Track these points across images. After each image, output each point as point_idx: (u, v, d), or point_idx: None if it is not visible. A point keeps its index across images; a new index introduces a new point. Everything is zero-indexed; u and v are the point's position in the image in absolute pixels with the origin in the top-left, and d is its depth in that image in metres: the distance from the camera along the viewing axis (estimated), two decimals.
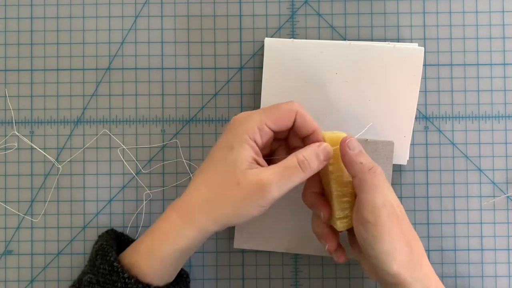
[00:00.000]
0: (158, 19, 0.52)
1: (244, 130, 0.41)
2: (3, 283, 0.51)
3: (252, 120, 0.41)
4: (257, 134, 0.41)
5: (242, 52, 0.52)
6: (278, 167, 0.40)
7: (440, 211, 0.51)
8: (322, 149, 0.41)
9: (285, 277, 0.52)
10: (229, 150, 0.40)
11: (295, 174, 0.40)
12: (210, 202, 0.40)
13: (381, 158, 0.49)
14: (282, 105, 0.42)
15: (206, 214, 0.40)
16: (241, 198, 0.39)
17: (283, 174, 0.40)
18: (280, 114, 0.42)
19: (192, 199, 0.41)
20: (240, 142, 0.40)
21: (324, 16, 0.52)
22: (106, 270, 0.41)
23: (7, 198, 0.52)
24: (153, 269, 0.41)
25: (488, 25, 0.52)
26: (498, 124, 0.52)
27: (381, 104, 0.50)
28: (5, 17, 0.53)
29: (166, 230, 0.41)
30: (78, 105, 0.52)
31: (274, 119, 0.41)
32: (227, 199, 0.40)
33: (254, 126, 0.41)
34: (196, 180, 0.41)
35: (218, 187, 0.40)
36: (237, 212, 0.40)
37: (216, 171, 0.40)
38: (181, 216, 0.41)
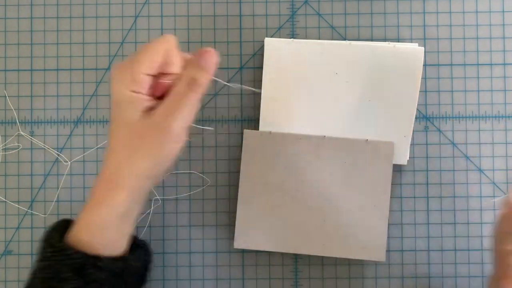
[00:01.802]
0: (158, 19, 0.52)
1: (121, 84, 0.40)
2: (3, 283, 0.51)
3: (126, 74, 0.40)
4: (136, 84, 0.40)
5: (242, 52, 0.52)
6: (169, 101, 0.40)
7: (440, 211, 0.51)
8: (203, 59, 0.41)
9: (285, 277, 0.52)
10: (118, 107, 0.40)
11: (186, 97, 0.40)
12: (128, 162, 0.40)
13: (381, 158, 0.49)
14: (151, 46, 0.40)
15: (129, 175, 0.40)
16: (152, 148, 0.40)
17: (177, 105, 0.40)
18: (150, 57, 0.40)
19: (111, 164, 0.41)
20: (122, 97, 0.40)
21: (324, 16, 0.52)
22: (51, 252, 0.41)
23: (7, 198, 0.52)
24: (97, 240, 0.41)
25: (488, 25, 0.52)
26: (498, 124, 0.52)
27: (381, 104, 0.50)
28: (5, 17, 0.53)
29: (100, 200, 0.40)
30: (78, 105, 0.52)
31: (146, 65, 0.40)
32: (140, 154, 0.40)
33: (130, 79, 0.40)
34: (110, 145, 0.41)
35: (127, 145, 0.40)
36: (155, 160, 0.40)
37: (118, 131, 0.40)
38: (108, 182, 0.41)
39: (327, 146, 0.50)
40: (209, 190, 0.52)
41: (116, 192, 0.40)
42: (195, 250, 0.52)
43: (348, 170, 0.50)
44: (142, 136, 0.40)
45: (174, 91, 0.40)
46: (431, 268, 0.51)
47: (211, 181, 0.52)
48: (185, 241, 0.52)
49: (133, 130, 0.40)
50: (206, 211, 0.52)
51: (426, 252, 0.51)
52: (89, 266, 0.40)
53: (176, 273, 0.52)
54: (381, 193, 0.49)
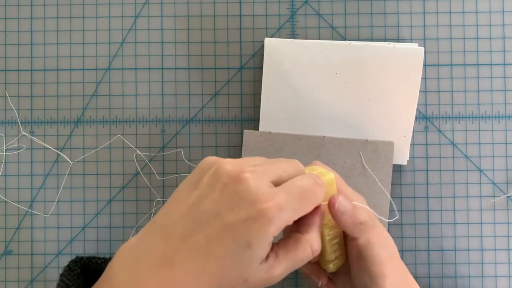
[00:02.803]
0: (158, 19, 0.52)
1: (272, 230, 0.34)
2: (3, 283, 0.51)
3: (282, 221, 0.34)
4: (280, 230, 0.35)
5: (242, 52, 0.52)
6: (289, 260, 0.36)
7: (440, 211, 0.51)
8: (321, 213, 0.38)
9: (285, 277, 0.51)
10: (246, 248, 0.33)
11: (306, 261, 0.37)
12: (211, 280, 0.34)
13: (381, 158, 0.49)
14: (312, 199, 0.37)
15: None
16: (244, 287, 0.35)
17: (296, 266, 0.37)
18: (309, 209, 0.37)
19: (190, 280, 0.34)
20: (262, 241, 0.34)
21: (324, 16, 0.52)
22: None
23: (7, 198, 0.52)
24: None
25: (488, 25, 0.52)
26: (498, 124, 0.52)
27: (381, 104, 0.50)
28: (5, 17, 0.53)
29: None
30: (78, 105, 0.52)
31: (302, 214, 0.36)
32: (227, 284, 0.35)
33: (282, 226, 0.34)
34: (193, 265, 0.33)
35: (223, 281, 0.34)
36: None
37: (225, 264, 0.34)
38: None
39: (327, 146, 0.50)
40: None
41: None
42: None
43: (348, 170, 0.50)
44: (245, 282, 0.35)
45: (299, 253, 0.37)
46: (431, 268, 0.51)
47: None
48: None
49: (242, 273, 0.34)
50: None
51: (426, 252, 0.51)
52: None
53: None
54: (381, 193, 0.49)
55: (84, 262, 0.41)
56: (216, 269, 0.34)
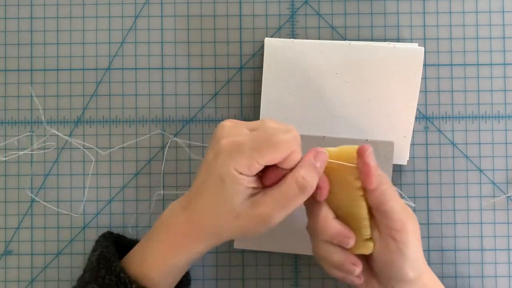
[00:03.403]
0: (158, 19, 0.52)
1: (232, 164, 0.38)
2: (3, 283, 0.51)
3: (242, 157, 0.38)
4: (249, 170, 0.38)
5: (242, 52, 0.52)
6: (276, 196, 0.39)
7: (440, 211, 0.51)
8: (319, 158, 0.40)
9: (285, 277, 0.52)
10: (221, 181, 0.38)
11: (296, 199, 0.39)
12: (215, 227, 0.40)
13: (381, 158, 0.49)
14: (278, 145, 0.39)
15: (214, 236, 0.40)
16: (244, 227, 0.39)
17: (283, 203, 0.39)
18: (274, 156, 0.38)
19: (200, 220, 0.40)
20: (230, 176, 0.38)
21: (324, 16, 0.52)
22: (113, 281, 0.40)
23: (7, 198, 0.52)
24: (164, 280, 0.41)
25: (488, 25, 0.52)
26: (498, 124, 0.52)
27: (381, 104, 0.50)
28: (5, 17, 0.53)
29: (179, 243, 0.41)
30: (78, 105, 0.52)
31: (266, 159, 0.38)
32: (231, 227, 0.40)
33: (244, 164, 0.38)
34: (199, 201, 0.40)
35: (219, 217, 0.39)
36: (241, 235, 0.40)
37: (213, 201, 0.39)
38: (192, 233, 0.40)
39: (327, 146, 0.50)
40: None
41: (200, 246, 0.41)
42: None
43: None
44: (238, 218, 0.39)
45: (284, 188, 0.39)
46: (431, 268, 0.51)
47: None
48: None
49: (231, 209, 0.39)
50: None
51: (426, 252, 0.51)
52: None
53: None
54: None
55: (115, 236, 0.47)
56: (209, 203, 0.39)
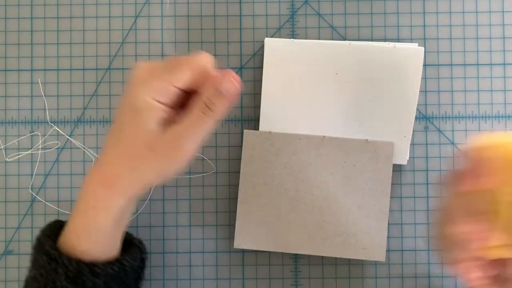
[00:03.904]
0: (158, 19, 0.52)
1: (146, 91, 0.38)
2: (3, 283, 0.51)
3: (155, 82, 0.38)
4: (162, 95, 0.38)
5: (242, 52, 0.52)
6: (185, 123, 0.38)
7: None
8: (224, 86, 0.39)
9: (285, 277, 0.52)
10: (135, 113, 0.38)
11: (203, 123, 0.39)
12: (132, 170, 0.39)
13: (381, 158, 0.49)
14: (189, 62, 0.39)
15: (129, 182, 0.39)
16: (160, 162, 0.39)
17: (192, 128, 0.38)
18: (185, 73, 0.39)
19: (113, 169, 0.39)
20: (144, 104, 0.38)
21: (324, 16, 0.52)
22: (45, 261, 0.40)
23: (7, 198, 0.52)
24: (92, 245, 0.40)
25: (488, 25, 0.52)
26: (498, 124, 0.52)
27: (381, 104, 0.50)
28: (5, 17, 0.53)
29: (96, 204, 0.39)
30: (78, 105, 0.52)
31: (179, 78, 0.38)
32: (147, 165, 0.39)
33: (157, 88, 0.38)
34: (111, 147, 0.40)
35: (135, 155, 0.39)
36: (159, 174, 0.39)
37: (128, 137, 0.39)
38: (106, 187, 0.39)
39: (327, 146, 0.50)
40: (209, 190, 0.52)
41: (114, 197, 0.40)
42: (195, 250, 0.52)
43: (348, 170, 0.50)
44: (153, 149, 0.38)
45: (192, 113, 0.39)
46: (431, 268, 0.51)
47: (212, 181, 0.52)
48: (185, 241, 0.52)
49: (144, 140, 0.38)
50: (206, 211, 0.52)
51: (426, 252, 0.51)
52: (85, 273, 0.39)
53: (176, 273, 0.52)
54: (381, 193, 0.49)
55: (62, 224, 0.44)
56: (122, 143, 0.39)
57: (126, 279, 0.42)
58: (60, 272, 0.39)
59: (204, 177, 0.52)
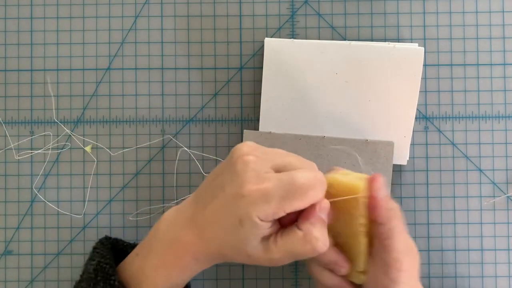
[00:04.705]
0: (158, 19, 0.52)
1: (256, 213, 0.36)
2: (3, 283, 0.51)
3: (269, 207, 0.36)
4: (271, 217, 0.37)
5: (242, 52, 0.52)
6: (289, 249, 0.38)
7: (440, 211, 0.51)
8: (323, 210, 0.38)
9: (285, 277, 0.52)
10: (239, 224, 0.37)
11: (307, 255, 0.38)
12: (226, 258, 0.40)
13: (381, 158, 0.49)
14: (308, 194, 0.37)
15: (220, 260, 0.40)
16: (252, 263, 0.39)
17: (295, 256, 0.38)
18: (302, 204, 0.37)
19: (210, 248, 0.39)
20: (251, 222, 0.37)
21: (324, 16, 0.52)
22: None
23: (7, 198, 0.52)
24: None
25: (488, 25, 0.52)
26: (498, 124, 0.52)
27: (381, 104, 0.50)
28: (5, 17, 0.53)
29: (185, 264, 0.40)
30: (78, 105, 0.52)
31: (294, 208, 0.37)
32: (238, 259, 0.39)
33: (269, 213, 0.36)
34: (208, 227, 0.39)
35: (231, 252, 0.39)
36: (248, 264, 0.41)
37: (227, 238, 0.38)
38: (199, 257, 0.39)
39: (327, 146, 0.50)
40: None
41: (202, 265, 0.40)
42: None
43: None
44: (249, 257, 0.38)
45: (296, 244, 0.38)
46: (431, 268, 0.51)
47: None
48: None
49: (244, 250, 0.38)
50: None
51: (426, 252, 0.51)
52: None
53: None
54: None
55: (112, 241, 0.46)
56: (222, 237, 0.38)
57: None
58: None
59: (204, 177, 0.52)
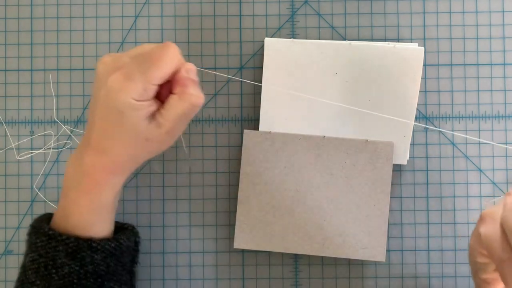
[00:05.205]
0: (158, 19, 0.52)
1: (127, 94, 0.39)
2: (3, 283, 0.51)
3: (135, 83, 0.39)
4: (143, 96, 0.39)
5: (242, 52, 0.52)
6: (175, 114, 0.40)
7: (440, 211, 0.51)
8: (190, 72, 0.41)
9: (285, 277, 0.52)
10: (120, 114, 0.39)
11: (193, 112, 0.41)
12: (131, 155, 0.42)
13: (381, 158, 0.49)
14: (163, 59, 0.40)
15: (131, 165, 0.43)
16: (155, 148, 0.42)
17: (183, 118, 0.41)
18: (163, 71, 0.40)
19: (113, 155, 0.41)
20: (129, 106, 0.39)
21: (324, 16, 0.52)
22: (44, 241, 0.41)
23: (7, 198, 0.52)
24: (97, 220, 0.43)
25: (488, 25, 0.52)
26: (498, 124, 0.52)
27: (381, 104, 0.50)
28: (5, 17, 0.53)
29: (100, 182, 0.42)
30: (78, 105, 0.52)
31: (157, 77, 0.39)
32: (145, 152, 0.42)
33: (139, 89, 0.39)
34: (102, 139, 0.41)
35: (131, 146, 0.41)
36: (154, 154, 0.44)
37: (120, 134, 0.40)
38: (109, 169, 0.42)
39: (327, 146, 0.50)
40: (209, 190, 0.52)
41: (116, 176, 0.42)
42: (195, 250, 0.52)
43: (348, 170, 0.50)
44: (148, 139, 0.41)
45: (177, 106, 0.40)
46: (431, 268, 0.51)
47: (212, 181, 0.52)
48: (185, 241, 0.52)
49: (139, 135, 0.40)
50: (206, 211, 0.52)
51: (426, 252, 0.51)
52: (84, 249, 0.41)
53: (176, 273, 0.52)
54: (381, 193, 0.49)
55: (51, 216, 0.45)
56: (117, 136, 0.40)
57: (122, 258, 0.44)
58: (60, 249, 0.41)
59: (204, 177, 0.52)
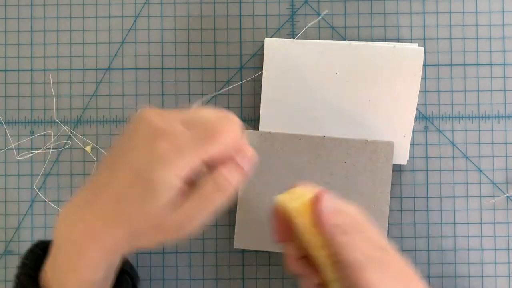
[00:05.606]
0: (158, 19, 0.52)
1: (173, 171, 0.33)
2: (3, 283, 0.51)
3: (186, 159, 0.33)
4: (188, 172, 0.33)
5: (242, 52, 0.52)
6: (195, 200, 0.34)
7: (440, 211, 0.51)
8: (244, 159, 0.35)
9: (285, 277, 0.52)
10: (150, 189, 0.33)
11: (215, 200, 0.34)
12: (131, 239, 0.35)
13: (381, 158, 0.49)
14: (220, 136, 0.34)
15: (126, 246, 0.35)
16: (163, 238, 0.35)
17: (201, 207, 0.34)
18: (218, 148, 0.34)
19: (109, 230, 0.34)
20: (164, 184, 0.33)
21: (324, 16, 0.52)
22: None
23: (7, 198, 0.52)
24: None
25: (488, 25, 0.52)
26: (498, 124, 0.52)
27: (381, 104, 0.50)
28: (5, 17, 0.53)
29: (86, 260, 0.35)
30: (78, 105, 0.52)
31: (209, 156, 0.34)
32: (149, 240, 0.35)
33: (187, 166, 0.33)
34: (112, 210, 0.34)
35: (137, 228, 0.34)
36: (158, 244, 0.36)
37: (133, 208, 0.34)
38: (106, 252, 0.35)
39: (327, 146, 0.50)
40: None
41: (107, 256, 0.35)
42: (195, 250, 0.52)
43: (348, 170, 0.50)
44: (158, 228, 0.34)
45: (204, 188, 0.34)
46: (431, 268, 0.51)
47: None
48: (185, 241, 0.52)
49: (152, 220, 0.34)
50: None
51: (426, 252, 0.51)
52: None
53: (176, 273, 0.52)
54: (381, 193, 0.49)
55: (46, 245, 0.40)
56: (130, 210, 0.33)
57: None
58: None
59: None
